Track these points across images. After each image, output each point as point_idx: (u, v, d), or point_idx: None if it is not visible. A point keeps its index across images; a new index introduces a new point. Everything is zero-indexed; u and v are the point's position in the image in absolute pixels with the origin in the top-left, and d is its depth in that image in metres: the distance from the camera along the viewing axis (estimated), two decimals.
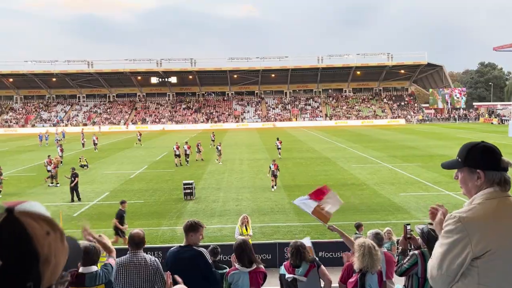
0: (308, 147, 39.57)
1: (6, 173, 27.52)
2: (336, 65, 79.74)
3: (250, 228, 11.56)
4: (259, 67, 78.88)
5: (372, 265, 4.44)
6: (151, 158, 33.89)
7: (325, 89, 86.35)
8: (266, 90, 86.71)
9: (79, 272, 4.15)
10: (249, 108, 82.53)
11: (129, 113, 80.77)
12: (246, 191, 20.81)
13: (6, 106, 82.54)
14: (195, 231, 4.66)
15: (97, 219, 16.36)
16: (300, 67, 79.42)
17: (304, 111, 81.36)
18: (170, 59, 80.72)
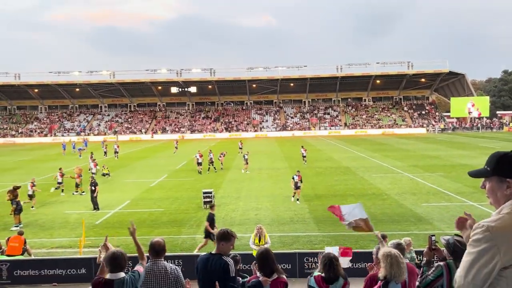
0: (327, 156, 39.33)
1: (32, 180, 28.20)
2: (356, 74, 79.34)
3: (265, 238, 11.51)
4: (277, 76, 79.10)
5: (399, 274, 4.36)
6: (171, 166, 34.21)
7: (344, 98, 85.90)
8: (284, 99, 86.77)
9: (107, 278, 4.21)
10: (267, 117, 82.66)
11: (149, 122, 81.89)
12: (265, 200, 20.78)
13: (31, 116, 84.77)
14: (226, 240, 4.67)
15: (118, 227, 16.57)
16: (319, 76, 79.29)
17: (323, 120, 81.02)
18: (190, 69, 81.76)
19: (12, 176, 30.23)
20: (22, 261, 12.07)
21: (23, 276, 11.56)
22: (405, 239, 8.70)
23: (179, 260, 11.11)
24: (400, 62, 79.93)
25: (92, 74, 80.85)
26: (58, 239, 15.35)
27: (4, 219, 17.87)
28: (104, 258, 4.31)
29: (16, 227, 16.26)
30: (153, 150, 50.31)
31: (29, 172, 32.81)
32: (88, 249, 13.81)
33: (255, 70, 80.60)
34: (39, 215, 19.02)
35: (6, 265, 11.74)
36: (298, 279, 11.10)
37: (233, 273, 4.59)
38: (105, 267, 4.35)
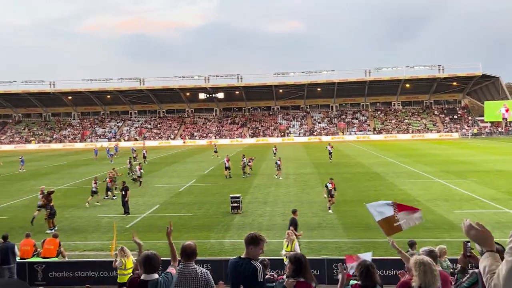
0: (356, 161, 38.81)
1: (65, 185, 29.13)
2: (384, 78, 78.17)
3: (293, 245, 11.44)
4: (304, 82, 78.88)
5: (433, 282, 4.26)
6: (199, 171, 34.58)
7: (373, 102, 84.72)
8: (311, 104, 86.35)
9: (142, 279, 4.30)
10: (294, 123, 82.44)
11: (178, 128, 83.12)
12: (292, 206, 20.58)
13: (65, 122, 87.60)
14: (255, 244, 4.67)
15: (148, 231, 16.86)
16: (347, 80, 78.56)
17: (351, 125, 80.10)
18: (217, 76, 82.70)
19: (48, 181, 31.26)
20: (57, 263, 12.45)
21: (58, 278, 11.92)
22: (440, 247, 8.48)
23: (208, 264, 11.20)
24: (430, 66, 78.30)
25: (123, 81, 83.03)
26: (91, 242, 15.75)
27: (40, 222, 18.48)
28: (138, 259, 4.42)
29: (50, 230, 16.79)
30: (182, 156, 51.00)
31: (64, 176, 33.88)
32: None
33: (281, 75, 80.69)
34: (72, 218, 19.59)
35: (42, 266, 12.14)
36: (327, 286, 11.00)
37: (261, 278, 4.60)
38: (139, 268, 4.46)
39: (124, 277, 10.43)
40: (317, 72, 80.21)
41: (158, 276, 4.33)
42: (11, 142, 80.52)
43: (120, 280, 10.48)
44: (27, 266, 12.12)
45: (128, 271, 10.45)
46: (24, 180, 32.70)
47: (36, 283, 11.73)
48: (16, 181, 32.10)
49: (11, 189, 28.60)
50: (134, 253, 14.08)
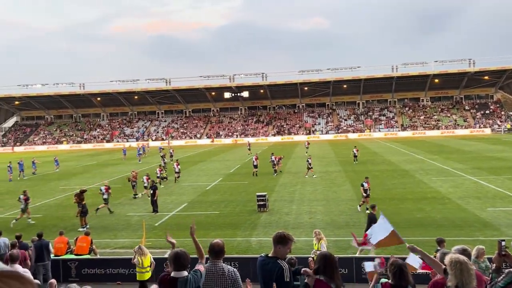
0: (383, 159, 38.21)
1: (96, 184, 29.88)
2: (412, 74, 76.51)
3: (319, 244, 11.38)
4: (330, 79, 78.14)
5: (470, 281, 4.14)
6: (225, 170, 34.81)
7: (400, 98, 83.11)
8: (337, 101, 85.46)
9: (172, 276, 4.38)
10: (320, 120, 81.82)
11: (203, 127, 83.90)
12: (319, 204, 20.57)
13: (94, 123, 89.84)
14: (283, 243, 4.64)
15: (176, 229, 17.10)
16: (373, 76, 77.34)
17: (378, 121, 78.86)
18: (242, 74, 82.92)
19: (80, 180, 32.17)
20: (89, 260, 12.81)
21: (90, 274, 12.26)
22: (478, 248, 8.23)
23: (235, 262, 11.27)
24: (460, 60, 76.13)
25: (150, 82, 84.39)
26: (121, 240, 16.12)
27: (73, 220, 19.05)
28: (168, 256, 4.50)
29: (83, 228, 17.27)
30: (208, 154, 51.47)
31: (94, 176, 34.77)
32: (149, 249, 14.37)
33: (306, 73, 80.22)
34: (103, 216, 20.08)
35: (75, 263, 12.51)
36: (356, 285, 10.90)
37: (288, 278, 4.56)
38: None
39: (142, 275, 10.66)
40: (343, 69, 79.33)
41: (187, 274, 4.39)
42: (44, 143, 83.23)
43: (138, 277, 10.70)
44: (61, 263, 12.52)
45: (145, 269, 10.67)
46: (56, 179, 33.75)
47: (70, 279, 12.10)
48: (49, 181, 33.16)
49: (45, 188, 29.56)
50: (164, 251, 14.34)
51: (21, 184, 31.94)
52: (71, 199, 20.25)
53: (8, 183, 32.96)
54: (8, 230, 16.36)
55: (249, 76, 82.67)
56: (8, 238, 12.57)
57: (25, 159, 39.25)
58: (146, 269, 10.70)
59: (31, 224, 18.98)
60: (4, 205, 23.87)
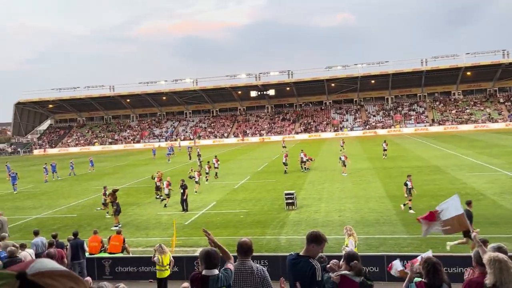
0: (414, 155, 37.39)
1: (127, 184, 30.57)
2: (443, 67, 74.44)
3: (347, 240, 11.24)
4: (357, 74, 77.04)
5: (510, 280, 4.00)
6: (253, 168, 34.90)
7: (430, 93, 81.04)
8: (365, 97, 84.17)
9: (203, 274, 4.44)
10: (348, 117, 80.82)
11: (230, 126, 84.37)
12: (348, 202, 20.34)
13: (124, 124, 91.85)
14: (317, 243, 4.60)
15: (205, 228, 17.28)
16: (402, 71, 75.72)
17: (408, 117, 77.17)
18: (268, 73, 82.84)
19: (111, 180, 32.96)
20: (122, 258, 13.13)
21: (123, 272, 12.57)
22: None
23: (265, 260, 11.30)
24: (493, 51, 73.47)
25: (177, 83, 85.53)
26: (153, 238, 16.43)
27: (105, 219, 19.56)
28: (199, 255, 4.57)
29: (115, 227, 17.70)
30: (235, 153, 51.73)
31: (125, 176, 35.57)
32: (179, 248, 14.61)
33: (333, 69, 79.37)
34: (135, 216, 20.53)
35: (109, 261, 12.85)
36: (387, 283, 10.74)
37: (320, 277, 4.54)
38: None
39: (162, 273, 10.83)
40: (370, 64, 78.06)
41: (218, 272, 4.44)
42: (77, 145, 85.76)
43: (158, 275, 10.87)
44: (95, 261, 12.88)
45: (165, 267, 10.83)
46: (90, 180, 34.72)
47: (104, 277, 12.44)
48: (83, 181, 34.15)
49: (79, 188, 30.47)
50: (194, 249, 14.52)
51: (57, 185, 33.05)
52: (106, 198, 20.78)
53: (44, 184, 34.14)
54: (45, 229, 16.95)
55: (275, 74, 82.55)
56: (45, 238, 13.04)
57: (59, 160, 40.58)
58: (166, 267, 10.87)
59: (70, 222, 19.58)
60: (42, 205, 24.75)
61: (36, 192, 30.36)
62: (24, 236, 16.43)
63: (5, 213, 20.96)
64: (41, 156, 72.91)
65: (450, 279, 6.54)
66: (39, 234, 12.79)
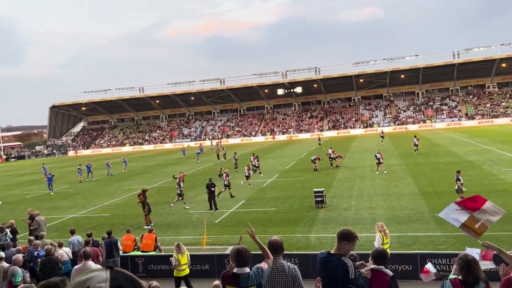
0: (447, 150, 36.39)
1: (158, 183, 31.14)
2: (476, 59, 71.98)
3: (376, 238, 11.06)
4: (386, 69, 75.57)
5: None
6: (281, 167, 34.85)
7: (463, 86, 78.57)
8: (395, 92, 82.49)
9: (234, 272, 4.49)
10: (377, 112, 79.42)
11: (258, 125, 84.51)
12: (379, 199, 20.02)
13: (154, 125, 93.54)
14: (349, 240, 4.56)
15: (235, 225, 17.43)
16: (433, 64, 73.73)
17: (440, 111, 75.11)
18: (294, 70, 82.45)
19: (142, 180, 33.68)
20: (155, 256, 13.38)
21: (156, 270, 12.81)
22: None
23: (295, 258, 11.26)
24: None
25: (204, 83, 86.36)
26: (183, 236, 16.67)
27: (138, 218, 19.99)
28: (230, 253, 4.61)
29: (147, 226, 18.06)
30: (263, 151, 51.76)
31: (156, 175, 36.23)
32: (210, 246, 14.77)
33: (361, 64, 78.18)
34: (166, 214, 20.89)
35: (142, 260, 13.13)
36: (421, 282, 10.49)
37: (353, 275, 4.49)
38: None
39: (179, 272, 10.93)
40: (400, 58, 76.40)
41: (249, 270, 4.46)
42: (109, 146, 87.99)
43: (176, 274, 10.97)
44: (129, 260, 13.19)
45: (182, 266, 10.91)
46: (122, 180, 35.56)
47: (137, 275, 12.71)
48: (115, 182, 35.02)
49: (111, 189, 31.26)
50: (225, 247, 14.65)
51: (91, 185, 34.03)
52: (135, 198, 21.23)
53: (79, 184, 35.21)
54: (80, 228, 17.48)
55: (301, 71, 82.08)
56: (81, 236, 13.46)
57: (93, 161, 41.77)
58: (183, 266, 10.95)
59: (104, 221, 20.12)
60: (77, 205, 25.54)
61: (72, 192, 31.35)
62: (61, 235, 17.00)
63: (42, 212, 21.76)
64: (74, 158, 75.23)
65: (490, 278, 6.32)
66: (75, 233, 13.20)
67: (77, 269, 8.87)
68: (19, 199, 30.30)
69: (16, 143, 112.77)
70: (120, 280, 1.15)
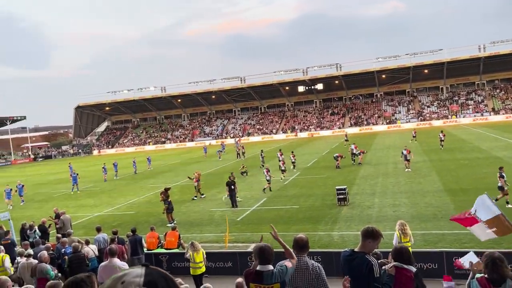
0: (472, 146, 35.52)
1: (181, 181, 31.46)
2: (503, 52, 69.89)
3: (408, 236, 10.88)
4: (409, 64, 74.23)
5: None
6: (303, 164, 34.70)
7: (490, 80, 76.45)
8: (418, 88, 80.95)
9: (257, 270, 4.50)
10: (400, 108, 78.14)
11: (279, 122, 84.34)
12: (403, 196, 19.71)
13: (176, 123, 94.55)
14: (374, 238, 4.53)
15: (258, 223, 17.46)
16: (458, 58, 72.01)
17: (466, 106, 73.33)
18: (315, 67, 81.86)
19: (166, 178, 34.10)
20: (178, 254, 13.53)
21: (180, 268, 12.94)
22: None
23: (318, 256, 11.22)
24: None
25: (225, 81, 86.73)
26: (206, 234, 16.81)
27: (161, 216, 20.26)
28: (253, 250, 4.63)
29: (170, 224, 18.29)
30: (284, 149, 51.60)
31: (178, 174, 36.61)
32: (232, 244, 14.85)
33: (383, 60, 76.99)
34: (189, 212, 21.10)
35: (166, 257, 13.31)
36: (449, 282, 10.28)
37: (378, 273, 4.45)
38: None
39: (195, 270, 10.99)
40: (423, 53, 74.87)
41: (272, 268, 4.47)
42: (132, 145, 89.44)
43: (192, 272, 11.03)
44: (153, 257, 13.39)
45: (198, 264, 10.95)
46: (145, 178, 36.10)
47: None
48: (139, 180, 35.57)
49: (135, 187, 31.78)
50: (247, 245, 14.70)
51: (115, 184, 34.67)
52: (159, 196, 21.52)
53: (104, 183, 35.91)
54: (106, 226, 17.83)
55: (322, 67, 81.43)
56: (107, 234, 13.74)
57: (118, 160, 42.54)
58: (199, 264, 11.01)
59: (129, 219, 20.48)
60: (102, 203, 26.07)
61: (97, 190, 32.01)
62: (88, 233, 17.39)
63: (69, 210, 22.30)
64: (98, 157, 76.76)
65: None
66: (101, 231, 13.48)
67: (103, 266, 9.05)
68: (47, 197, 31.14)
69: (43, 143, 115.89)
70: (154, 276, 1.22)
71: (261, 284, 4.41)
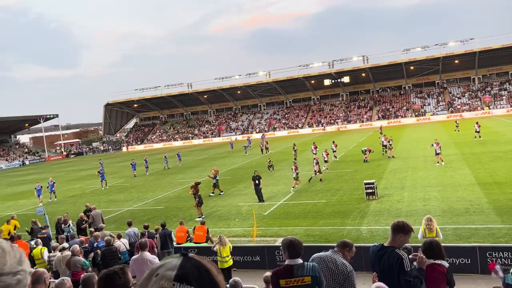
0: (507, 138, 34.33)
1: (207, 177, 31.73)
2: None
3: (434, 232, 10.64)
4: (438, 55, 72.21)
5: None
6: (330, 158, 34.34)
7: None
8: (449, 79, 78.72)
9: (287, 264, 4.51)
10: (429, 100, 76.24)
11: (305, 116, 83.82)
12: (433, 190, 19.28)
13: (202, 119, 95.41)
14: (405, 233, 4.49)
15: (284, 218, 17.47)
16: (490, 48, 69.50)
17: (499, 97, 70.83)
18: (341, 60, 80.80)
19: (194, 173, 34.52)
20: (207, 248, 13.71)
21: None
22: None
23: None
24: None
25: (250, 76, 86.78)
26: (234, 228, 16.95)
27: (190, 211, 20.55)
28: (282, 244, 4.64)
29: (199, 218, 18.53)
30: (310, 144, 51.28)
31: (206, 169, 36.95)
32: (260, 238, 14.92)
33: (412, 51, 75.19)
34: (217, 207, 21.31)
35: (195, 251, 13.50)
36: (480, 276, 10.05)
37: (408, 267, 4.39)
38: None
39: (222, 264, 11.07)
40: (453, 43, 72.65)
41: (302, 261, 4.46)
42: (160, 141, 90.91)
43: (220, 266, 11.12)
44: (182, 251, 13.61)
45: (224, 258, 11.02)
46: (173, 174, 36.65)
47: None
48: (167, 175, 36.15)
49: (164, 182, 32.31)
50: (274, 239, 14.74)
51: (144, 179, 35.35)
52: (188, 191, 21.80)
53: (133, 178, 36.67)
54: (136, 220, 18.23)
55: (349, 60, 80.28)
56: (137, 228, 14.05)
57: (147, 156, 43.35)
58: (225, 258, 11.10)
59: (158, 214, 20.89)
60: (132, 198, 26.65)
61: (127, 186, 32.73)
62: (119, 227, 17.84)
63: (101, 205, 22.92)
64: (126, 153, 78.40)
65: None
66: (132, 225, 13.81)
67: (134, 259, 9.26)
68: (80, 193, 32.09)
69: (74, 140, 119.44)
70: (187, 268, 1.15)
71: (291, 279, 4.40)
